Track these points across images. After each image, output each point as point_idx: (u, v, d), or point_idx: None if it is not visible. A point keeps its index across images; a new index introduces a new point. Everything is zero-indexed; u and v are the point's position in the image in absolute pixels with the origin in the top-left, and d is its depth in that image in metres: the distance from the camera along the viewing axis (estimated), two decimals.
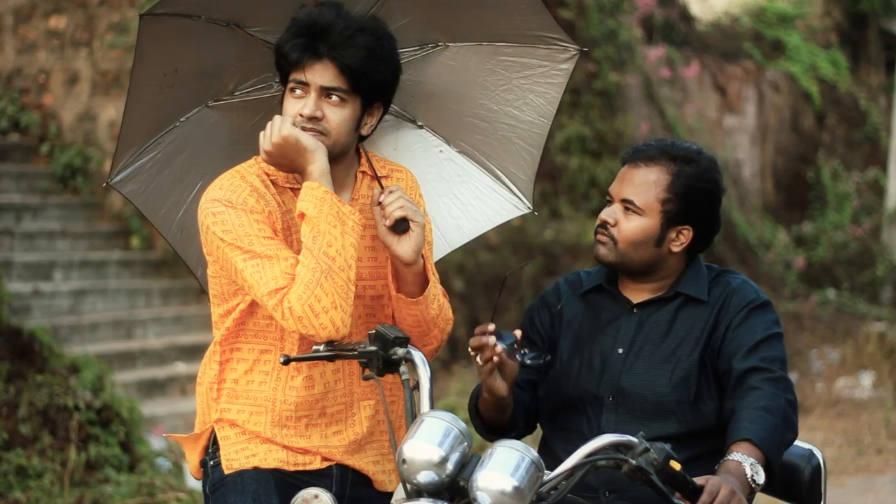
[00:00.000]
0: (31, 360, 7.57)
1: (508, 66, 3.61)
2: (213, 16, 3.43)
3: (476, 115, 3.70)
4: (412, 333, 3.43)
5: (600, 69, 14.13)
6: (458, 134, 3.74)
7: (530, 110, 3.66)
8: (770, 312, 3.58)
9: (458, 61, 3.63)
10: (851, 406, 11.68)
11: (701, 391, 3.53)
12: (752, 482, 3.25)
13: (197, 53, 3.50)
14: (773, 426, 3.35)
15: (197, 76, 3.54)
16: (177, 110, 3.57)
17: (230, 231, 3.29)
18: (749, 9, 18.29)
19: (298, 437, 3.43)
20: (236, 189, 3.35)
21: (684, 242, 3.61)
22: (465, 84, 3.66)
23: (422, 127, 3.74)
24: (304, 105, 3.34)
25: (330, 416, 3.44)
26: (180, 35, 3.44)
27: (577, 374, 3.61)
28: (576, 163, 13.58)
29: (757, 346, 3.49)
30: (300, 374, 3.42)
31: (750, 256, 15.83)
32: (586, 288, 3.71)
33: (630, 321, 3.63)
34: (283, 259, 3.26)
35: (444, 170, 3.76)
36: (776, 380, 3.44)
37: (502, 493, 2.99)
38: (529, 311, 3.76)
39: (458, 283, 12.02)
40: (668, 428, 3.49)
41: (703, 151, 3.65)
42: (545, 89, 3.64)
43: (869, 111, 18.61)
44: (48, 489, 7.02)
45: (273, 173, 3.40)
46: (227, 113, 3.61)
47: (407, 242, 3.37)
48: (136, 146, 3.58)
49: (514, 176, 3.78)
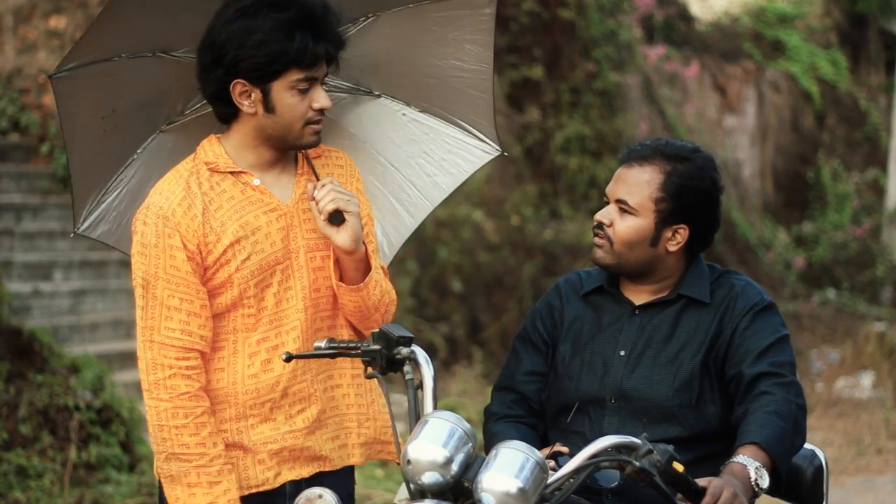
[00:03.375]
0: (31, 360, 7.56)
1: (439, 21, 3.69)
2: (134, 51, 3.46)
3: (426, 74, 3.77)
4: (352, 319, 3.52)
5: (600, 69, 14.14)
6: (416, 94, 3.80)
7: (471, 59, 3.74)
8: (776, 314, 3.57)
9: (393, 28, 3.69)
10: (851, 406, 11.68)
11: (703, 395, 3.52)
12: (756, 486, 3.24)
13: (130, 89, 3.53)
14: (783, 431, 3.34)
15: (139, 108, 3.57)
16: (130, 145, 3.60)
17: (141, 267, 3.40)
18: (749, 9, 18.30)
19: (263, 425, 3.44)
20: (170, 195, 3.39)
21: (681, 242, 3.60)
22: (407, 47, 3.73)
23: (380, 96, 3.79)
24: (320, 97, 3.40)
25: (293, 395, 3.47)
26: (104, 78, 3.46)
27: (579, 375, 3.60)
28: (575, 163, 13.59)
29: (766, 350, 3.48)
30: (257, 359, 3.43)
31: (750, 256, 15.84)
32: (587, 289, 3.70)
33: (632, 323, 3.62)
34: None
35: (412, 131, 3.83)
36: (787, 385, 3.43)
37: (507, 494, 2.98)
38: (532, 316, 3.75)
39: (456, 284, 12.02)
40: (670, 431, 3.48)
41: (699, 150, 3.65)
42: (476, 36, 3.71)
43: (869, 111, 18.63)
44: (48, 489, 7.02)
45: (213, 161, 3.44)
46: (184, 132, 3.64)
47: (345, 232, 3.42)
48: (97, 190, 3.62)
49: (477, 123, 3.84)
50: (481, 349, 11.76)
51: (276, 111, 3.39)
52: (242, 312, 3.42)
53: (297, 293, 3.45)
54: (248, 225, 3.41)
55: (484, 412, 3.72)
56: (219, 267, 3.39)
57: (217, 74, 3.38)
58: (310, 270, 3.47)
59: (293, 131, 3.41)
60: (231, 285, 3.40)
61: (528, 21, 13.66)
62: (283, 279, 3.44)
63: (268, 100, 3.39)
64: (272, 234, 3.43)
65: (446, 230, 12.00)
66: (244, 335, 3.44)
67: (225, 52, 3.35)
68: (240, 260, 3.39)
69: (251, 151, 3.46)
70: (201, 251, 3.38)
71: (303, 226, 3.48)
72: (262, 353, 3.44)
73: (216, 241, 3.38)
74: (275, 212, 3.45)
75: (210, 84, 3.41)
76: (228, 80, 3.37)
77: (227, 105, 3.42)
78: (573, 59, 14.07)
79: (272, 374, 3.44)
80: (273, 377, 3.44)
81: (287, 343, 3.44)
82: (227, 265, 3.39)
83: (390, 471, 8.31)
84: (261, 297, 3.42)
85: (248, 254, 3.39)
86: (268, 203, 3.45)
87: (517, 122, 13.46)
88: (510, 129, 13.34)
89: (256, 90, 3.38)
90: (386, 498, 7.47)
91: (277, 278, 3.43)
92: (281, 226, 3.45)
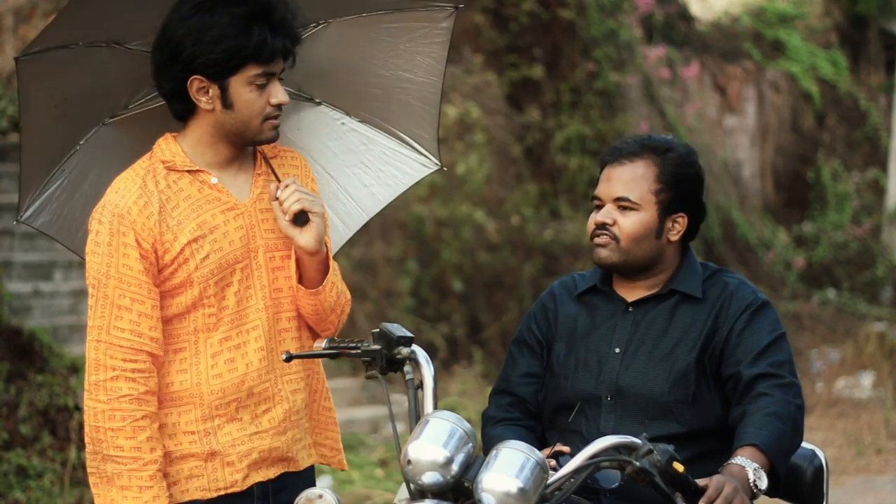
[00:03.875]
0: (31, 360, 7.57)
1: (392, 32, 3.69)
2: (90, 40, 3.46)
3: (371, 84, 3.76)
4: (309, 321, 3.52)
5: (600, 69, 14.14)
6: (358, 104, 3.80)
7: (420, 71, 3.73)
8: (771, 312, 3.59)
9: (343, 36, 3.69)
10: (851, 406, 11.69)
11: (699, 391, 3.53)
12: (754, 487, 3.25)
13: (82, 78, 3.52)
14: (782, 433, 3.35)
15: (88, 99, 3.56)
16: (74, 136, 3.59)
17: (96, 268, 3.38)
18: (749, 9, 18.30)
19: (230, 424, 3.43)
20: (126, 193, 3.38)
21: (681, 230, 3.62)
22: (355, 56, 3.73)
23: (320, 103, 3.79)
24: (277, 92, 3.40)
25: (258, 394, 3.45)
26: (61, 65, 3.46)
27: (575, 374, 3.61)
28: (576, 163, 13.59)
29: (764, 350, 3.49)
30: (220, 359, 3.42)
31: (750, 256, 15.85)
32: (581, 289, 3.72)
33: (626, 320, 3.63)
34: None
35: (350, 141, 3.83)
36: (785, 386, 3.44)
37: (507, 494, 2.98)
38: (526, 319, 3.77)
39: (457, 284, 12.02)
40: (667, 428, 3.49)
41: (675, 140, 3.69)
42: (431, 49, 3.71)
43: (869, 111, 18.63)
44: (48, 489, 7.03)
45: (170, 159, 3.43)
46: (127, 127, 3.63)
47: (309, 233, 3.42)
48: (40, 178, 3.60)
49: (418, 136, 3.83)
50: (481, 349, 11.77)
51: (235, 107, 3.39)
52: (203, 312, 3.40)
53: (256, 293, 3.44)
54: (206, 224, 3.40)
55: (481, 416, 3.72)
56: (177, 266, 3.37)
57: (174, 71, 3.37)
58: (269, 270, 3.47)
59: (252, 127, 3.41)
60: (191, 285, 3.38)
61: (528, 21, 13.67)
62: (244, 278, 3.43)
63: (226, 96, 3.38)
64: (230, 232, 3.42)
65: (447, 230, 12.00)
66: (205, 335, 3.42)
67: (182, 48, 3.34)
68: (199, 259, 3.37)
69: (209, 149, 3.45)
70: (157, 250, 3.37)
71: (261, 225, 3.47)
72: (224, 352, 3.42)
73: (173, 240, 3.37)
74: (232, 210, 3.44)
75: (167, 81, 3.40)
76: (186, 77, 3.36)
77: (184, 102, 3.41)
78: (573, 59, 14.07)
79: (237, 374, 3.42)
80: (238, 376, 3.42)
81: (249, 342, 3.43)
82: (186, 264, 3.37)
83: (390, 471, 8.32)
84: (221, 296, 3.40)
85: (207, 252, 3.38)
86: (225, 202, 3.44)
87: (517, 122, 13.47)
88: (510, 129, 13.35)
89: (214, 86, 3.37)
90: (386, 498, 7.47)
91: (238, 277, 3.42)
92: (239, 224, 3.43)
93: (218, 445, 3.42)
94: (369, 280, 11.32)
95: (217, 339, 3.42)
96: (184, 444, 3.41)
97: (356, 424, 9.96)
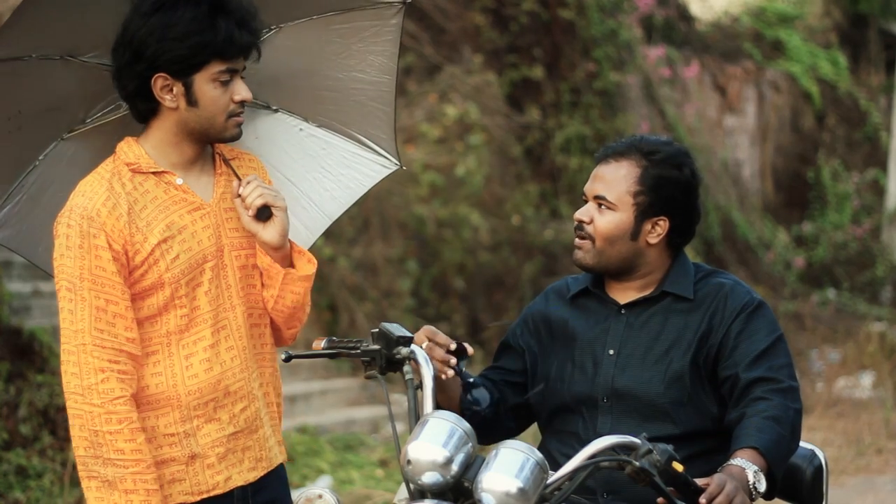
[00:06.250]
0: (31, 360, 7.57)
1: (342, 33, 3.69)
2: (43, 52, 3.43)
3: (326, 87, 3.77)
4: (281, 316, 3.52)
5: (600, 69, 14.14)
6: (314, 109, 3.80)
7: (374, 70, 3.73)
8: (768, 313, 3.59)
9: (294, 40, 3.69)
10: (851, 406, 11.70)
11: (695, 392, 3.53)
12: (753, 489, 3.26)
13: (37, 91, 3.49)
14: (780, 437, 3.36)
15: (43, 113, 3.54)
16: (32, 151, 3.57)
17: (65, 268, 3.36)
18: (749, 9, 18.31)
19: (208, 425, 3.43)
20: (93, 196, 3.37)
21: (661, 234, 3.61)
22: (308, 60, 3.73)
23: (277, 111, 3.79)
24: (241, 89, 3.40)
25: (234, 393, 3.45)
26: (14, 77, 3.43)
27: (570, 377, 3.61)
28: (576, 163, 13.59)
29: (763, 353, 3.49)
30: (195, 359, 3.42)
31: (750, 256, 15.85)
32: (573, 293, 3.72)
33: (618, 322, 3.63)
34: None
35: (308, 146, 3.83)
36: (784, 390, 3.44)
37: (507, 494, 2.98)
38: (518, 323, 3.79)
39: (458, 283, 12.02)
40: (664, 429, 3.49)
41: (672, 143, 3.68)
42: (382, 47, 3.71)
43: (869, 111, 18.63)
44: (48, 489, 7.03)
45: (134, 161, 3.42)
46: (84, 141, 3.61)
47: (273, 228, 3.43)
48: (0, 192, 3.57)
49: (376, 137, 3.84)
50: (481, 349, 11.77)
51: (199, 104, 3.38)
52: (175, 314, 3.40)
53: (223, 291, 3.45)
54: (174, 225, 3.40)
55: None
56: (148, 267, 3.37)
57: (137, 70, 3.35)
58: (235, 269, 3.47)
59: (216, 124, 3.41)
60: (162, 286, 3.37)
61: (528, 21, 13.67)
62: (214, 277, 3.43)
63: (190, 93, 3.38)
64: (198, 232, 3.42)
65: (447, 230, 12.01)
66: (178, 336, 3.41)
67: (145, 46, 3.33)
68: (169, 259, 3.37)
69: (173, 149, 3.45)
70: (127, 251, 3.36)
71: (225, 224, 3.47)
72: (199, 352, 3.42)
73: (143, 241, 3.36)
74: (199, 211, 3.44)
75: (129, 81, 3.39)
76: (150, 75, 3.36)
77: (147, 101, 3.40)
78: (573, 59, 14.08)
79: (213, 373, 3.42)
80: (214, 376, 3.42)
81: (222, 341, 3.44)
82: (157, 265, 3.36)
83: (390, 471, 8.32)
84: (192, 296, 3.40)
85: (177, 253, 3.38)
86: (191, 202, 3.44)
87: (517, 122, 13.47)
88: (510, 129, 13.35)
89: (178, 83, 3.37)
90: (386, 498, 7.47)
91: (208, 276, 3.42)
92: (206, 224, 3.44)
93: (198, 447, 3.42)
94: (369, 280, 11.32)
95: (191, 339, 3.42)
96: (164, 448, 3.41)
97: (356, 424, 9.97)
